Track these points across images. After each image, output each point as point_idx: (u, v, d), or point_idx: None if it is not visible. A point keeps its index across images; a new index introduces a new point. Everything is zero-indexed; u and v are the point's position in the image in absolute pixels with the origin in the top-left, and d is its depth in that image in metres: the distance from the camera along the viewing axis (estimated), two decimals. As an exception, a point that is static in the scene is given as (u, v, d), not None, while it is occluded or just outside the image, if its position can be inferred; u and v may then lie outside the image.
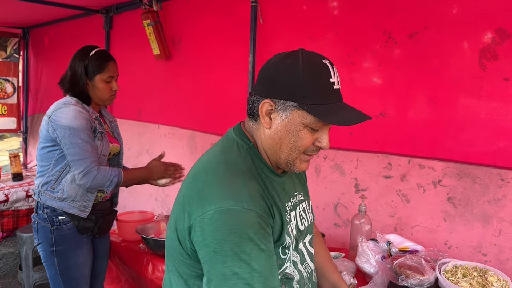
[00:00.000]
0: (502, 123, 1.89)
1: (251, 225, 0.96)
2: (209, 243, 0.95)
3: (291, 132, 1.05)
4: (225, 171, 1.04)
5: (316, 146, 1.08)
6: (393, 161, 2.25)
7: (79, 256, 2.15)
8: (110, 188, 2.08)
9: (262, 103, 1.06)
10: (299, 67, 1.02)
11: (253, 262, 0.93)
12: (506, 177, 1.88)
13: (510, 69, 1.87)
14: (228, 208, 0.96)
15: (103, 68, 2.13)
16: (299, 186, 1.29)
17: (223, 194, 0.98)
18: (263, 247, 0.96)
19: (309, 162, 1.13)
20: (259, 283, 0.93)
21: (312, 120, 1.03)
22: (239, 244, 0.93)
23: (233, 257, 0.93)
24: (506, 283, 1.59)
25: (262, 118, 1.07)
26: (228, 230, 0.94)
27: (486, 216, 1.94)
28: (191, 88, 3.39)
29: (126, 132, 4.13)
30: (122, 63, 4.07)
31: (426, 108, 2.13)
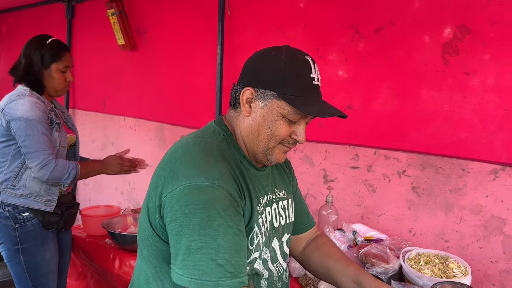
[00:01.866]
0: (463, 116, 1.97)
1: (220, 201, 0.96)
2: (177, 218, 0.95)
3: (269, 120, 1.07)
4: (198, 151, 1.05)
5: (293, 139, 1.11)
6: (360, 152, 2.30)
7: (46, 252, 2.09)
8: (68, 181, 2.03)
9: (243, 91, 1.09)
10: (281, 59, 1.05)
11: (219, 238, 0.93)
12: (466, 167, 1.96)
13: (470, 64, 1.94)
14: (198, 184, 0.96)
15: (59, 57, 2.09)
16: (281, 184, 1.29)
17: (194, 170, 0.99)
18: (232, 224, 0.96)
19: (285, 154, 1.15)
20: (223, 259, 0.92)
21: (290, 111, 1.05)
22: (207, 219, 0.93)
23: (200, 231, 0.92)
24: (465, 269, 1.66)
25: (243, 106, 1.10)
26: (196, 204, 0.94)
27: (448, 204, 2.02)
28: (158, 80, 3.33)
29: (90, 125, 4.04)
30: (85, 53, 3.97)
31: (391, 101, 2.18)
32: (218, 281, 0.91)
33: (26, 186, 2.00)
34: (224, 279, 0.92)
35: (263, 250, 1.16)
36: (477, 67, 1.92)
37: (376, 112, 2.24)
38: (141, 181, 3.50)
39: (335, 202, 2.27)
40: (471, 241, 1.96)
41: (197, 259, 0.92)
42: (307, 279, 1.85)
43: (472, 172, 1.95)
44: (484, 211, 1.92)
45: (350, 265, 1.30)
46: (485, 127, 1.91)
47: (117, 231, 2.24)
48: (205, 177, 0.97)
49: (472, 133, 1.95)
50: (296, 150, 2.54)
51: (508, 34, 1.83)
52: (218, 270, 0.91)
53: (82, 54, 3.97)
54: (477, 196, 1.94)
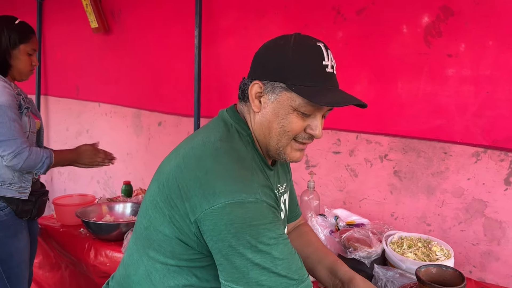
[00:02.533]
0: (445, 99, 1.95)
1: (266, 216, 0.91)
2: (224, 237, 0.89)
3: (280, 115, 1.00)
4: (231, 161, 0.96)
5: (308, 134, 1.03)
6: (342, 137, 2.27)
7: (20, 241, 2.02)
8: (41, 170, 1.96)
9: (252, 84, 1.02)
10: (289, 47, 0.98)
11: (273, 251, 0.89)
12: (448, 150, 1.95)
13: (453, 46, 1.91)
14: (240, 201, 0.90)
15: (28, 39, 2.03)
16: (283, 178, 1.26)
17: (234, 187, 0.91)
18: (280, 233, 0.93)
19: (302, 152, 1.08)
20: (284, 270, 0.90)
21: (301, 102, 0.98)
22: (256, 236, 0.88)
23: (252, 249, 0.88)
24: (448, 252, 1.65)
25: (252, 102, 1.03)
26: (242, 223, 0.88)
27: (430, 188, 2.00)
28: (134, 64, 3.21)
29: (63, 112, 3.89)
30: (56, 37, 3.80)
31: (373, 84, 2.15)
32: None
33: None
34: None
35: None
36: (460, 49, 1.89)
37: (358, 96, 2.18)
38: (117, 170, 3.40)
39: (317, 187, 2.23)
40: (453, 224, 1.96)
41: (258, 275, 0.88)
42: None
43: (454, 155, 1.94)
44: (465, 194, 1.92)
45: (328, 255, 1.31)
46: (467, 110, 1.90)
47: (91, 220, 2.15)
48: (246, 193, 0.91)
49: (454, 116, 1.93)
50: (277, 135, 2.49)
51: (491, 14, 1.81)
52: (282, 281, 0.89)
53: (54, 38, 3.81)
54: (459, 179, 1.93)
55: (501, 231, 1.86)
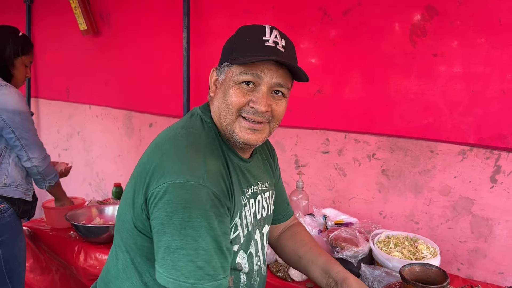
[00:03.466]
0: (431, 98, 1.96)
1: (204, 202, 0.91)
2: (159, 215, 0.91)
3: (224, 92, 1.04)
4: (186, 144, 0.99)
5: (251, 107, 1.02)
6: (331, 136, 2.27)
7: (22, 241, 2.09)
8: (53, 181, 2.13)
9: (211, 73, 1.09)
10: (237, 32, 1.05)
11: (200, 239, 0.89)
12: (435, 149, 1.96)
13: (438, 45, 1.92)
14: (182, 182, 0.91)
15: (29, 51, 2.15)
16: (265, 176, 1.24)
17: (181, 167, 0.93)
18: (214, 225, 0.92)
19: (256, 134, 1.04)
20: (203, 261, 0.89)
21: (239, 73, 1.00)
22: (188, 219, 0.89)
23: (181, 231, 0.88)
24: (434, 250, 1.67)
25: (210, 88, 1.10)
26: (178, 203, 0.89)
27: (418, 186, 2.02)
28: (123, 65, 3.21)
29: (54, 114, 3.88)
30: (46, 39, 3.79)
31: (360, 84, 2.16)
32: (196, 283, 0.88)
33: (9, 175, 2.01)
34: (202, 282, 0.89)
35: (250, 245, 1.13)
36: (445, 48, 1.91)
37: (345, 96, 2.21)
38: (109, 172, 3.39)
39: (307, 187, 2.25)
40: (441, 222, 1.97)
41: (176, 259, 0.89)
42: (278, 265, 1.82)
43: (440, 153, 1.95)
44: (452, 192, 1.93)
45: (321, 254, 1.30)
46: (453, 109, 1.91)
47: (81, 223, 2.15)
48: (191, 175, 0.92)
49: (440, 115, 1.94)
50: (266, 135, 2.50)
51: (474, 14, 1.83)
52: (196, 273, 0.88)
53: (43, 41, 3.79)
54: (445, 177, 1.94)
55: (488, 228, 1.88)
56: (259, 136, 1.05)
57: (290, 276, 1.76)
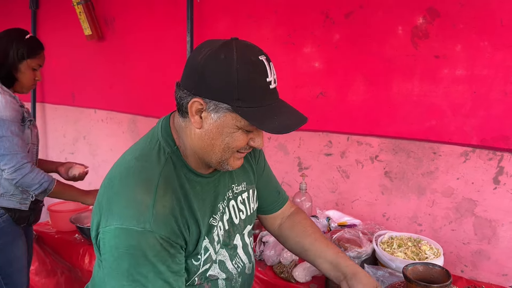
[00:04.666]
0: (433, 100, 1.97)
1: (150, 248, 0.91)
2: (108, 258, 0.93)
3: (224, 133, 0.98)
4: (136, 184, 0.96)
5: (250, 146, 1.03)
6: (333, 139, 2.28)
7: (18, 248, 2.04)
8: (36, 191, 1.94)
9: (192, 102, 0.96)
10: (233, 66, 0.92)
11: (149, 284, 0.91)
12: (438, 150, 1.97)
13: (440, 47, 1.94)
14: (128, 228, 0.91)
15: (36, 54, 2.05)
16: (239, 177, 1.22)
17: (128, 211, 0.93)
18: (163, 269, 0.93)
19: (242, 159, 1.08)
20: None
21: (246, 123, 0.96)
22: (136, 265, 0.90)
23: (128, 278, 0.90)
24: (437, 251, 1.67)
25: (192, 117, 0.98)
26: (125, 250, 0.91)
27: (421, 188, 2.02)
28: (128, 70, 3.24)
29: (60, 118, 3.91)
30: (51, 45, 3.82)
31: (362, 86, 2.17)
32: None
33: (1, 185, 1.94)
34: None
35: (219, 253, 1.12)
36: (447, 50, 1.92)
37: (348, 98, 2.23)
38: (114, 175, 3.41)
39: (310, 189, 2.25)
40: (444, 224, 1.97)
41: None
42: (282, 267, 1.83)
43: (443, 155, 1.96)
44: (455, 194, 1.94)
45: (328, 247, 1.28)
46: (456, 110, 1.92)
47: (86, 225, 2.17)
48: (137, 220, 0.91)
49: (443, 117, 1.95)
50: (270, 138, 2.51)
51: (475, 16, 1.84)
52: None
53: (48, 46, 3.78)
54: (448, 179, 1.95)
55: (491, 230, 1.87)
56: (242, 160, 1.09)
57: (294, 277, 1.77)
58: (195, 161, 1.06)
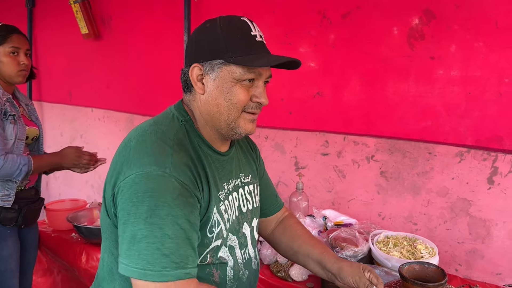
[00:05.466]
0: (429, 100, 1.99)
1: (170, 191, 0.92)
2: (125, 207, 0.92)
3: (224, 90, 1.04)
4: (154, 140, 1.00)
5: (255, 102, 1.07)
6: (330, 139, 2.30)
7: (3, 249, 1.99)
8: (19, 177, 1.93)
9: (191, 69, 1.05)
10: (217, 26, 1.03)
11: (166, 227, 0.89)
12: (433, 150, 1.98)
13: (436, 49, 1.95)
14: (148, 172, 0.92)
15: (5, 39, 1.98)
16: (246, 169, 1.26)
17: (147, 159, 0.95)
18: (180, 214, 0.92)
19: (254, 124, 1.11)
20: (169, 249, 0.88)
21: (241, 72, 1.02)
22: (154, 207, 0.89)
23: (146, 220, 0.88)
24: (433, 250, 1.69)
25: (195, 85, 1.06)
26: (144, 193, 0.90)
27: (416, 188, 2.04)
28: (125, 69, 3.24)
29: (57, 117, 3.91)
30: (47, 43, 3.83)
31: (359, 87, 2.19)
32: (162, 271, 0.87)
33: None
34: (168, 269, 0.87)
35: (229, 237, 1.13)
36: (442, 51, 1.94)
37: (345, 98, 2.24)
38: (110, 174, 3.41)
39: (306, 189, 2.27)
40: (439, 223, 1.99)
41: (142, 248, 0.87)
42: (278, 266, 1.84)
43: (438, 155, 1.97)
44: (450, 193, 1.96)
45: (315, 247, 1.31)
46: (451, 111, 1.94)
47: (83, 224, 2.17)
48: (157, 165, 0.93)
49: (438, 117, 1.97)
50: (267, 138, 2.52)
51: (471, 17, 1.85)
52: (162, 260, 0.87)
53: (45, 45, 3.82)
54: (443, 179, 1.97)
55: (485, 229, 1.90)
56: (255, 125, 1.11)
57: (291, 276, 1.78)
58: (207, 134, 1.10)
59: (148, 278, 0.86)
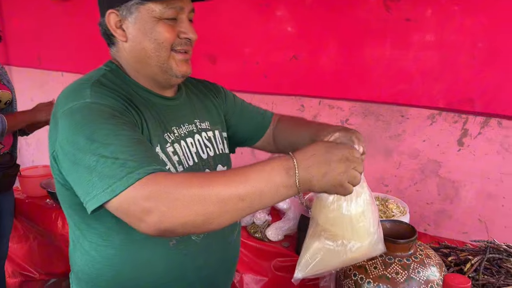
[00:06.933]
0: (403, 63, 1.99)
1: (99, 114, 0.87)
2: (67, 152, 0.86)
3: (147, 31, 0.98)
4: (73, 85, 0.96)
5: (184, 39, 1.02)
6: (306, 102, 2.30)
7: None
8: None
9: (107, 17, 0.99)
10: None
11: (111, 145, 0.82)
12: (405, 113, 2.02)
13: (411, 10, 1.94)
14: (70, 108, 0.88)
15: None
16: (203, 114, 1.20)
17: (66, 100, 0.91)
18: (119, 128, 0.86)
19: (188, 63, 1.06)
20: (126, 156, 0.80)
21: (161, 9, 0.97)
22: (91, 133, 0.83)
23: (90, 149, 0.81)
24: (404, 209, 1.75)
25: (115, 33, 1.00)
26: (75, 126, 0.86)
27: (388, 150, 2.08)
28: (95, 31, 3.09)
29: (26, 81, 3.77)
30: (13, 5, 3.64)
31: (335, 50, 2.18)
32: (126, 177, 0.78)
33: None
34: (133, 171, 0.78)
35: None
36: (418, 14, 1.92)
37: (321, 62, 2.23)
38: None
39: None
40: (409, 184, 2.05)
41: (99, 171, 0.80)
42: (255, 227, 1.88)
43: (410, 118, 2.01)
44: (421, 156, 2.01)
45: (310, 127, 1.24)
46: (425, 74, 1.95)
47: (57, 190, 2.14)
48: (76, 100, 0.89)
49: (412, 80, 1.99)
50: (243, 102, 2.51)
51: (446, -21, 1.84)
52: (122, 169, 0.78)
53: (11, 6, 3.64)
54: (415, 141, 2.01)
55: (454, 190, 1.96)
56: (190, 65, 1.06)
57: (267, 236, 1.83)
58: (144, 82, 1.05)
59: (117, 190, 0.77)
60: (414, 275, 1.14)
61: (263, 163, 0.85)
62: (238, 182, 0.80)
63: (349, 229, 1.01)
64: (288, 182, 0.83)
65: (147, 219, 0.77)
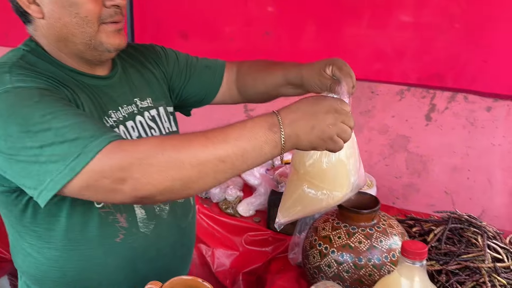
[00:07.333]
0: (375, 38, 2.00)
1: (26, 98, 0.78)
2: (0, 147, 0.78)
3: (66, 4, 0.86)
4: None
5: (111, 7, 0.90)
6: (278, 79, 2.29)
7: None
8: None
9: None
10: None
11: (53, 123, 0.75)
12: (375, 89, 2.04)
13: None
14: None
15: None
16: (143, 91, 1.10)
17: None
18: (55, 106, 0.78)
19: (121, 34, 0.95)
20: (74, 133, 0.73)
21: None
22: (24, 121, 0.75)
23: (29, 136, 0.74)
24: (371, 182, 1.79)
25: (29, 9, 0.87)
26: (2, 118, 0.77)
27: (358, 126, 2.09)
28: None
29: (-8, 60, 3.64)
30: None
31: (309, 27, 2.17)
32: (83, 152, 0.71)
33: None
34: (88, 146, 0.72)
35: None
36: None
37: (294, 39, 2.22)
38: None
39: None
40: (378, 160, 2.09)
41: (48, 156, 0.73)
42: (227, 203, 1.89)
43: (380, 94, 2.03)
44: (390, 131, 2.04)
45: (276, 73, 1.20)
46: (395, 49, 1.97)
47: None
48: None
49: (384, 57, 2.00)
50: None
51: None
52: (75, 144, 0.72)
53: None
54: (384, 117, 2.04)
55: (422, 164, 2.01)
56: (123, 36, 0.96)
57: (239, 212, 1.84)
58: (69, 62, 0.95)
59: (77, 167, 0.71)
60: (377, 244, 1.17)
61: (244, 121, 0.80)
62: (216, 142, 0.74)
63: (331, 181, 1.00)
64: (272, 139, 0.79)
65: (122, 187, 0.72)
